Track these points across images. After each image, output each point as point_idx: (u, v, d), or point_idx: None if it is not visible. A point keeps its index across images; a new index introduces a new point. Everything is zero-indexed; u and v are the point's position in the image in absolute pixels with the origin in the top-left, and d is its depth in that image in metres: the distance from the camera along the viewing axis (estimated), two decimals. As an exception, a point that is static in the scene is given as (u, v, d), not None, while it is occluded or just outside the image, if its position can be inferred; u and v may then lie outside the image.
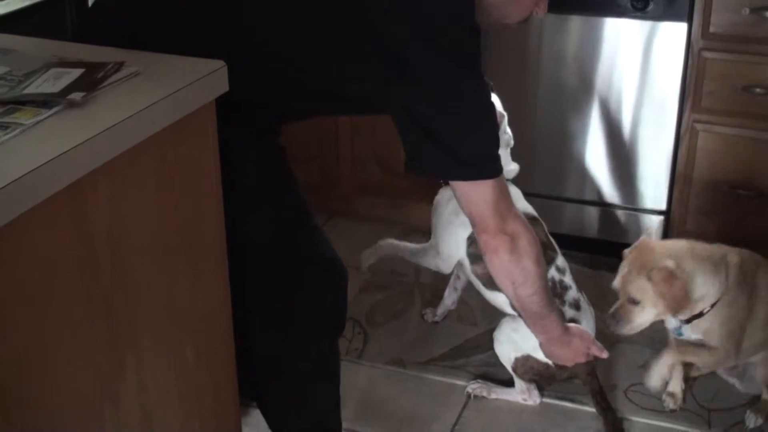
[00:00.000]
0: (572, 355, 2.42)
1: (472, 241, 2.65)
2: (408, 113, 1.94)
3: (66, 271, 1.44)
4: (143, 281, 1.63)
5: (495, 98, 2.72)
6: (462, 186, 2.02)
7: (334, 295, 2.26)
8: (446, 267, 2.80)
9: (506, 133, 2.74)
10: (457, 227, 2.68)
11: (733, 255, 2.54)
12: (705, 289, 2.48)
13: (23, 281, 1.36)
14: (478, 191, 2.02)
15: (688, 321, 2.55)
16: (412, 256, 2.90)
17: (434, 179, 1.97)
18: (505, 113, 2.72)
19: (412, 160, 2.00)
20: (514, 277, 2.15)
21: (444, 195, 2.75)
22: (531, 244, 2.11)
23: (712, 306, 2.50)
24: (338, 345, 2.34)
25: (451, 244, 2.72)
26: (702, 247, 2.54)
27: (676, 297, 2.42)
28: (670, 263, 2.43)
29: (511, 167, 2.75)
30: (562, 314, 2.29)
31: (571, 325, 2.43)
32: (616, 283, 2.55)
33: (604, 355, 2.44)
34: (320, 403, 2.36)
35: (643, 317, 2.50)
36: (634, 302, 2.48)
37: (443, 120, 1.92)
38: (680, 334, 2.59)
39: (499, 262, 2.12)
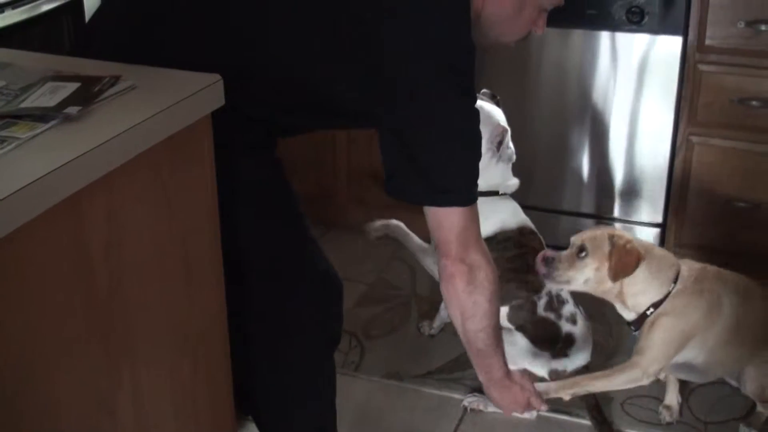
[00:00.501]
0: (511, 403, 2.31)
1: None
2: (394, 133, 1.93)
3: (63, 285, 1.44)
4: (140, 294, 1.63)
5: (498, 112, 2.73)
6: (433, 210, 2.00)
7: (329, 307, 2.26)
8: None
9: (509, 147, 2.74)
10: None
11: (687, 267, 2.53)
12: (648, 280, 2.47)
13: (20, 294, 1.36)
14: (448, 217, 1.99)
15: (638, 327, 2.53)
16: (415, 251, 2.87)
17: (409, 203, 1.96)
18: (508, 128, 2.72)
19: (390, 179, 1.97)
20: (464, 309, 2.09)
21: None
22: (489, 281, 2.06)
23: (655, 308, 2.48)
24: (334, 358, 2.34)
25: None
26: (659, 249, 2.56)
27: (624, 264, 2.42)
28: (635, 240, 2.46)
29: (511, 182, 2.75)
30: (504, 358, 2.23)
31: (515, 372, 2.33)
32: (575, 237, 2.52)
33: (544, 408, 2.36)
34: (317, 416, 2.35)
35: (578, 271, 2.46)
36: (580, 254, 2.45)
37: (430, 145, 1.91)
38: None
39: (453, 291, 2.07)
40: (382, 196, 2.02)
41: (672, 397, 2.79)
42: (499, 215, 2.69)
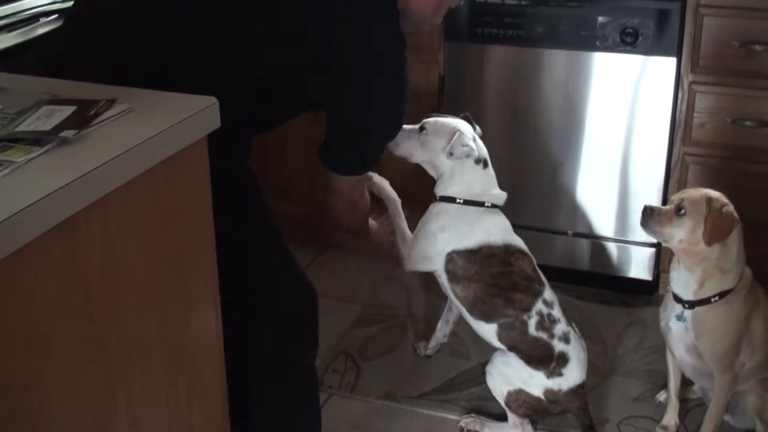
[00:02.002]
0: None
1: (450, 258, 2.69)
2: (340, 110, 2.17)
3: (59, 308, 1.44)
4: (136, 316, 1.63)
5: (456, 121, 2.75)
6: (350, 180, 2.33)
7: (303, 314, 2.31)
8: (410, 265, 2.81)
9: (465, 146, 2.71)
10: (439, 242, 2.72)
11: (748, 269, 2.62)
12: (733, 262, 2.53)
13: (15, 318, 1.35)
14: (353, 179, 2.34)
15: (693, 306, 2.56)
16: (397, 233, 2.86)
17: (339, 173, 2.31)
18: (458, 129, 2.73)
19: (329, 153, 2.26)
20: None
21: (436, 208, 2.77)
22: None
23: (721, 297, 2.52)
24: (315, 371, 2.38)
25: (425, 250, 2.75)
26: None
27: (720, 228, 2.47)
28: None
29: (495, 192, 2.75)
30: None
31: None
32: (674, 195, 2.61)
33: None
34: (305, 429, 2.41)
35: (675, 229, 2.53)
36: (679, 212, 2.51)
37: (367, 121, 2.19)
38: (683, 320, 2.59)
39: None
40: (375, 209, 2.11)
41: (670, 418, 2.79)
42: (483, 228, 2.69)
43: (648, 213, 2.57)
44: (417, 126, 2.73)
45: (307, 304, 2.31)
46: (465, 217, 2.71)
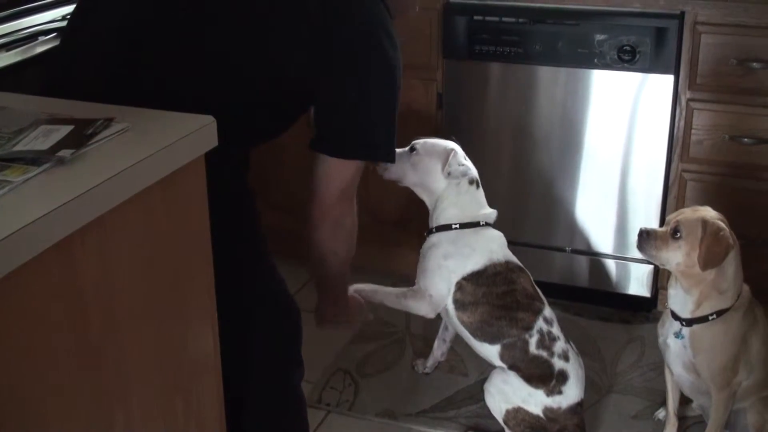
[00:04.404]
0: (355, 310, 2.70)
1: (459, 286, 2.67)
2: (334, 98, 2.15)
3: (55, 328, 1.44)
4: (133, 335, 1.63)
5: (432, 140, 2.76)
6: (335, 162, 2.20)
7: (286, 328, 2.31)
8: (434, 310, 2.75)
9: (461, 165, 2.72)
10: (449, 271, 2.69)
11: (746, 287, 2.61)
12: (730, 282, 2.52)
13: (11, 337, 1.35)
14: (345, 169, 2.22)
15: (690, 324, 2.55)
16: (393, 301, 2.82)
17: (331, 156, 2.20)
18: (453, 148, 2.74)
19: (320, 140, 2.18)
20: (333, 248, 2.37)
21: (431, 240, 2.76)
22: (353, 224, 2.36)
23: (718, 315, 2.52)
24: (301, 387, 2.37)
25: (442, 286, 2.71)
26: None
27: (715, 254, 2.45)
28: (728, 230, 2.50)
29: (487, 210, 2.75)
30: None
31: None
32: (671, 216, 2.61)
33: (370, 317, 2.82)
34: None
35: (671, 253, 2.52)
36: (675, 235, 2.50)
37: (365, 104, 2.15)
38: (681, 338, 2.58)
39: (321, 234, 2.33)
40: (376, 232, 2.07)
41: (668, 437, 2.80)
42: (487, 246, 2.69)
43: (644, 237, 2.56)
44: (407, 148, 2.72)
45: (289, 320, 2.31)
46: (465, 239, 2.70)
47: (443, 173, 2.68)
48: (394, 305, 2.83)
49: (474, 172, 2.73)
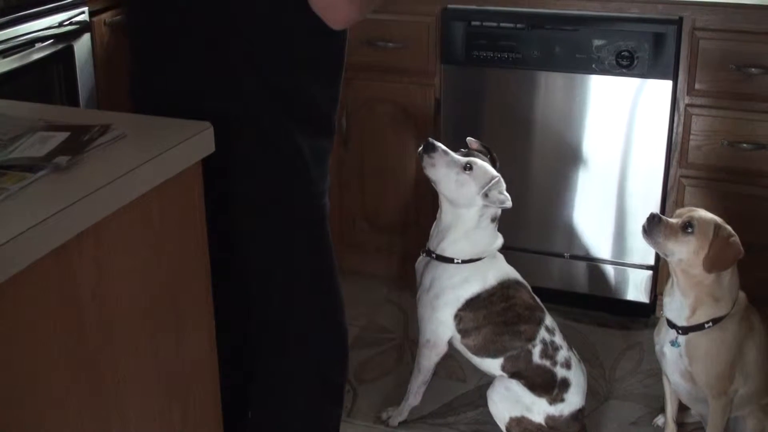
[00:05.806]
0: None
1: (460, 318, 2.69)
2: None
3: (52, 334, 1.44)
4: (129, 342, 1.63)
5: (486, 165, 2.70)
6: None
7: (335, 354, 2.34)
8: (442, 351, 2.80)
9: (501, 194, 2.67)
10: (442, 309, 2.71)
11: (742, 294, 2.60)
12: (725, 290, 2.51)
13: (8, 345, 1.35)
14: None
15: (686, 332, 2.54)
16: (420, 373, 2.87)
17: None
18: (498, 175, 2.69)
19: None
20: None
21: (428, 273, 2.77)
22: None
23: (714, 323, 2.51)
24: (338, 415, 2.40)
25: (440, 330, 2.74)
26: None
27: (723, 258, 2.44)
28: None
29: (497, 244, 2.74)
30: None
31: None
32: (681, 210, 2.58)
33: None
34: None
35: (679, 246, 2.48)
36: (686, 229, 2.47)
37: None
38: (677, 346, 2.57)
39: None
40: (374, 239, 2.05)
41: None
42: (479, 276, 2.68)
43: (655, 222, 2.50)
44: (463, 160, 2.64)
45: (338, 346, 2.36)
46: (461, 273, 2.70)
47: (480, 194, 2.64)
48: (423, 374, 2.87)
49: (508, 205, 2.68)
